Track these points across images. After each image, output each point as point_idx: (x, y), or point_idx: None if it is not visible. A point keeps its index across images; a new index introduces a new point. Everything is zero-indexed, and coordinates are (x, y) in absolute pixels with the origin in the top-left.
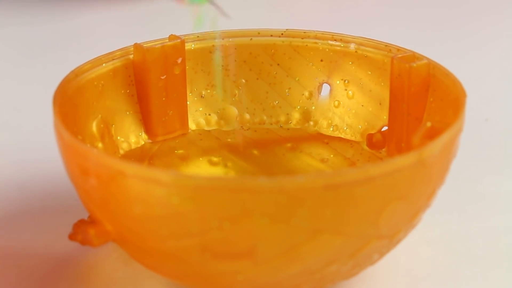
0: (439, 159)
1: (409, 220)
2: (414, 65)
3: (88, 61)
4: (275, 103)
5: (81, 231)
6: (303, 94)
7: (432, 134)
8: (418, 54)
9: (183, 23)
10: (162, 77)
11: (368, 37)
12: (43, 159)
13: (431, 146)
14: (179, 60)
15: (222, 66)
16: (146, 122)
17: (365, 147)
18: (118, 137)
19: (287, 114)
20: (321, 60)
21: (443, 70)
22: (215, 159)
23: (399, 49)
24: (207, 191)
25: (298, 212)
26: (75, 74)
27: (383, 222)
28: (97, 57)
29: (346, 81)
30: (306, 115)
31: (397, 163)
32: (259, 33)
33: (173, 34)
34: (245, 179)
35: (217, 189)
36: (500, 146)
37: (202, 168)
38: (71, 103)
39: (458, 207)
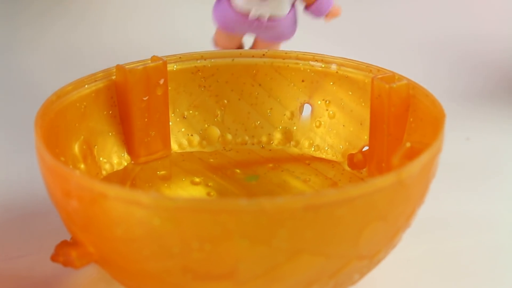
0: (418, 179)
1: (389, 240)
2: (394, 85)
3: (70, 83)
4: (257, 124)
5: (63, 252)
6: (284, 115)
7: (412, 155)
8: (398, 75)
9: (166, 44)
10: (145, 98)
11: (349, 58)
12: (25, 180)
13: (410, 166)
14: (161, 81)
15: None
16: (128, 143)
17: (346, 167)
18: (101, 158)
19: (269, 134)
20: (303, 81)
21: (422, 90)
22: (197, 179)
23: (379, 70)
24: (187, 213)
25: (278, 233)
26: (57, 96)
27: (363, 243)
28: (80, 78)
29: (327, 101)
30: (288, 135)
31: (376, 184)
32: (240, 53)
33: (155, 55)
34: (225, 200)
35: (197, 211)
36: (481, 165)
37: (184, 189)
38: (54, 125)
39: (439, 226)
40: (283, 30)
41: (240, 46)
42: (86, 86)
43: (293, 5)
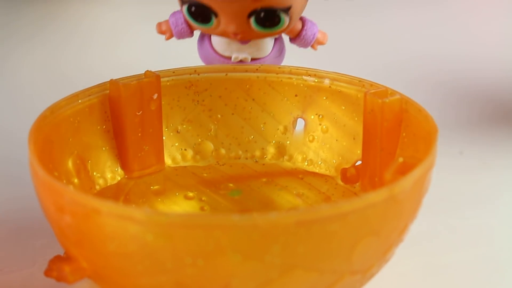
0: (410, 194)
1: (382, 255)
2: (387, 100)
3: (64, 98)
4: (250, 138)
5: (57, 267)
6: (278, 129)
7: (404, 170)
8: (391, 90)
9: (159, 59)
10: (138, 113)
11: (342, 72)
12: (19, 194)
13: (402, 182)
14: (155, 96)
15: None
16: (122, 158)
17: (340, 182)
18: (94, 173)
19: (262, 148)
20: (296, 95)
21: (415, 105)
22: (190, 194)
23: (372, 84)
24: (180, 228)
25: (271, 249)
26: (51, 111)
27: (356, 258)
28: (74, 93)
29: (321, 116)
30: (281, 150)
31: (369, 199)
32: (234, 68)
33: (149, 70)
34: (217, 216)
35: (190, 226)
36: (474, 178)
37: (178, 204)
38: (47, 139)
39: (432, 240)
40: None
41: None
42: (80, 101)
43: (276, 40)
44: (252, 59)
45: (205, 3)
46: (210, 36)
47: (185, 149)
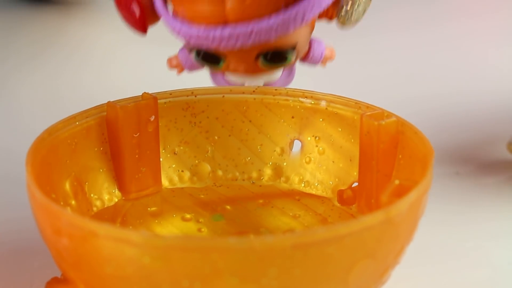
0: (406, 217)
1: (378, 278)
2: (383, 122)
3: (62, 120)
4: (247, 159)
5: None
6: (274, 151)
7: (400, 192)
8: (387, 112)
9: (156, 81)
10: (135, 135)
11: (339, 95)
12: (16, 216)
13: (398, 204)
14: (152, 118)
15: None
16: (119, 179)
17: (336, 203)
18: (92, 195)
19: (259, 170)
20: (292, 117)
21: (411, 127)
22: (188, 215)
23: (368, 107)
24: (177, 251)
25: (268, 272)
26: (49, 133)
27: (352, 280)
28: (71, 115)
29: (317, 138)
30: (278, 171)
31: (365, 222)
32: (231, 90)
33: (146, 92)
34: (214, 239)
35: (187, 249)
36: (470, 199)
37: (175, 225)
38: (45, 162)
39: (428, 262)
40: (280, 84)
41: None
42: (77, 123)
43: None
44: (265, 84)
45: (211, 50)
46: None
47: (182, 171)
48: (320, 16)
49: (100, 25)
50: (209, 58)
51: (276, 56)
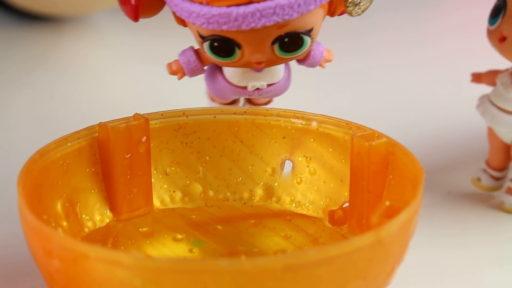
0: (397, 238)
1: None
2: (374, 143)
3: (53, 141)
4: (238, 180)
5: None
6: (266, 171)
7: (391, 213)
8: (378, 133)
9: (148, 101)
10: (127, 156)
11: (329, 115)
12: (7, 238)
13: (388, 226)
14: (144, 139)
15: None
16: (111, 200)
17: (327, 224)
18: (83, 216)
19: (251, 190)
20: (284, 137)
21: (402, 148)
22: (179, 236)
23: (359, 127)
24: (168, 273)
25: None
26: (40, 154)
27: None
28: (63, 136)
29: (308, 158)
30: (269, 192)
31: (355, 243)
32: (222, 111)
33: (138, 113)
34: (205, 261)
35: (177, 271)
36: (462, 219)
37: (167, 246)
38: (36, 183)
39: (419, 282)
40: (280, 90)
41: (237, 101)
42: (69, 144)
43: (286, 64)
44: (268, 86)
45: (228, 36)
46: (221, 69)
47: (174, 191)
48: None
49: (91, 43)
50: (223, 48)
51: (293, 40)
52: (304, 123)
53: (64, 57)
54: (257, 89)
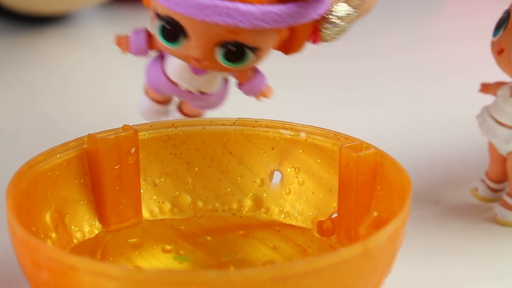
0: (384, 249)
1: None
2: (362, 154)
3: (42, 153)
4: (227, 191)
5: None
6: (255, 182)
7: (378, 224)
8: (366, 143)
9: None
10: (116, 167)
11: (318, 126)
12: None
13: (376, 237)
14: (133, 150)
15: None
16: (100, 211)
17: (316, 234)
18: (72, 227)
19: (240, 201)
20: (272, 148)
21: (390, 159)
22: (168, 247)
23: (347, 138)
24: (157, 285)
25: None
26: (29, 166)
27: None
28: (51, 148)
29: (297, 169)
30: (258, 202)
31: (343, 255)
32: (211, 122)
33: (127, 124)
34: (194, 272)
35: (166, 283)
36: (451, 230)
37: (156, 257)
38: (25, 195)
39: None
40: (212, 103)
41: (169, 99)
42: (58, 155)
43: (225, 80)
44: (200, 93)
45: (180, 21)
46: (163, 61)
47: (163, 202)
48: (279, 45)
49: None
50: (171, 32)
51: (236, 50)
52: (292, 134)
53: (51, 65)
54: (190, 92)
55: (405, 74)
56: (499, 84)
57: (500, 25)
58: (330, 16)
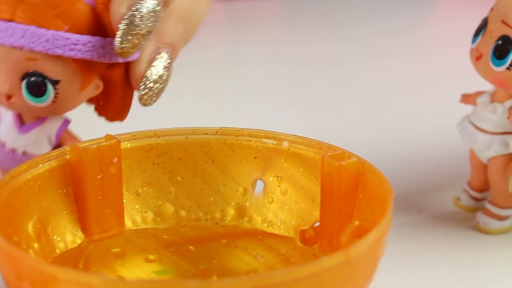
0: (366, 258)
1: None
2: (344, 163)
3: (25, 163)
4: (210, 200)
5: None
6: (237, 191)
7: (360, 233)
8: (348, 152)
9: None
10: (98, 177)
11: (300, 135)
12: None
13: (357, 246)
14: (115, 160)
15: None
16: (82, 221)
17: (299, 243)
18: (55, 237)
19: (222, 210)
20: (255, 157)
21: (371, 168)
22: (151, 256)
23: (329, 147)
24: None
25: None
26: (11, 176)
27: None
28: (34, 158)
29: (279, 178)
30: (241, 211)
31: (324, 264)
32: (194, 131)
33: (109, 134)
34: (175, 282)
35: None
36: (433, 238)
37: (139, 266)
38: (7, 205)
39: None
40: None
41: None
42: (40, 165)
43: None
44: (23, 154)
45: None
46: None
47: (146, 212)
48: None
49: None
50: None
51: (38, 82)
52: (275, 143)
53: None
54: (13, 152)
55: (388, 84)
56: (479, 94)
57: (478, 32)
58: (146, 82)
